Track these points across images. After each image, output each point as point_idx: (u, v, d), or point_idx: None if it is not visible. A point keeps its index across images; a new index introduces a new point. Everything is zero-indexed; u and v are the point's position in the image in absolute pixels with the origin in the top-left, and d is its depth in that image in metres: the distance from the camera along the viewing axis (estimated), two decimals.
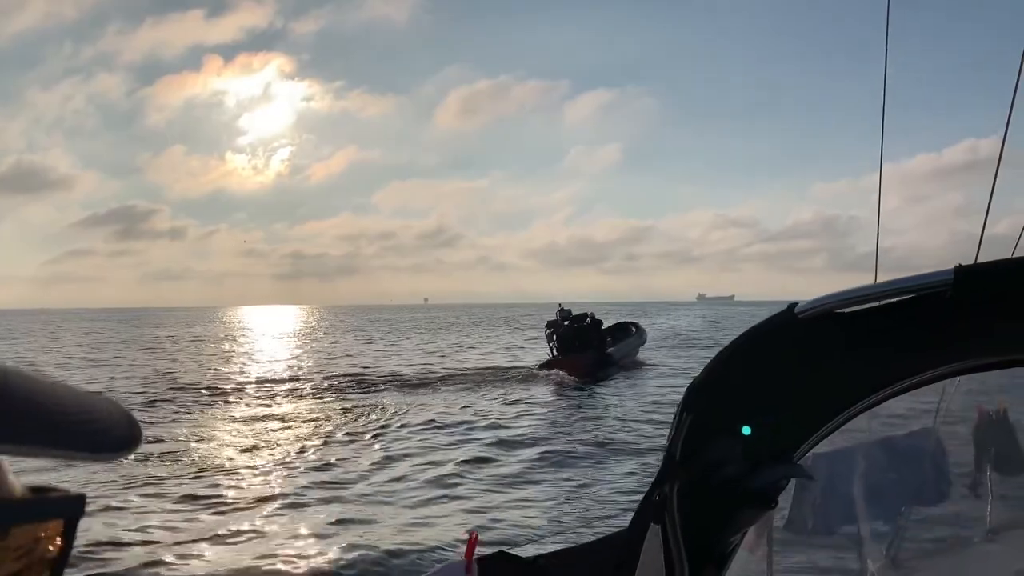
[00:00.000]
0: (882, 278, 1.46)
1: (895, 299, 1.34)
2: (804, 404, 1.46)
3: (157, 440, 15.48)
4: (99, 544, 8.72)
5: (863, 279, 2.11)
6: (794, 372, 1.46)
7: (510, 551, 1.76)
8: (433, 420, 17.99)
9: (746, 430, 1.42)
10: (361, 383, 25.87)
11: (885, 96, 2.67)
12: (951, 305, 1.29)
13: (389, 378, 27.04)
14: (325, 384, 26.11)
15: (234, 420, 19.21)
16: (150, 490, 11.63)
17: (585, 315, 25.50)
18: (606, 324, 27.04)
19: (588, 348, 24.13)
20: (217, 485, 12.17)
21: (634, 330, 29.88)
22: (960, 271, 1.27)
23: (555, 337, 24.65)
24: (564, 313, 25.23)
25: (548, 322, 25.79)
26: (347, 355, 41.27)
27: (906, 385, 1.45)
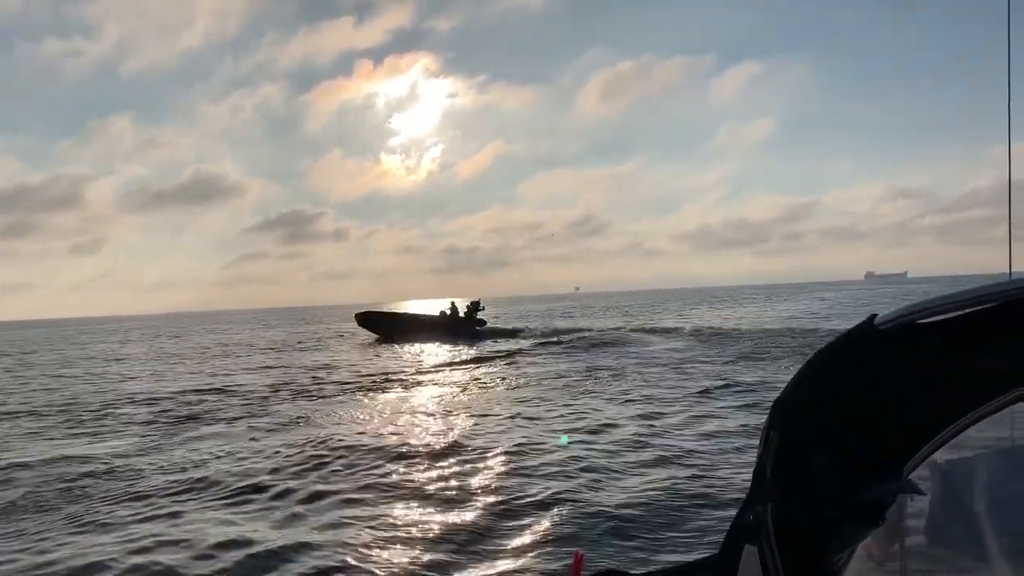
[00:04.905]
0: None
1: (983, 307, 1.28)
2: (899, 418, 1.41)
3: None
4: None
5: None
6: (882, 385, 1.41)
7: (617, 569, 1.79)
8: None
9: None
10: None
11: (1010, 69, 2.44)
12: None
13: None
14: None
15: None
16: None
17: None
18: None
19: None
20: None
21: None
22: None
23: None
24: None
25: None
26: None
27: (1013, 396, 1.37)
